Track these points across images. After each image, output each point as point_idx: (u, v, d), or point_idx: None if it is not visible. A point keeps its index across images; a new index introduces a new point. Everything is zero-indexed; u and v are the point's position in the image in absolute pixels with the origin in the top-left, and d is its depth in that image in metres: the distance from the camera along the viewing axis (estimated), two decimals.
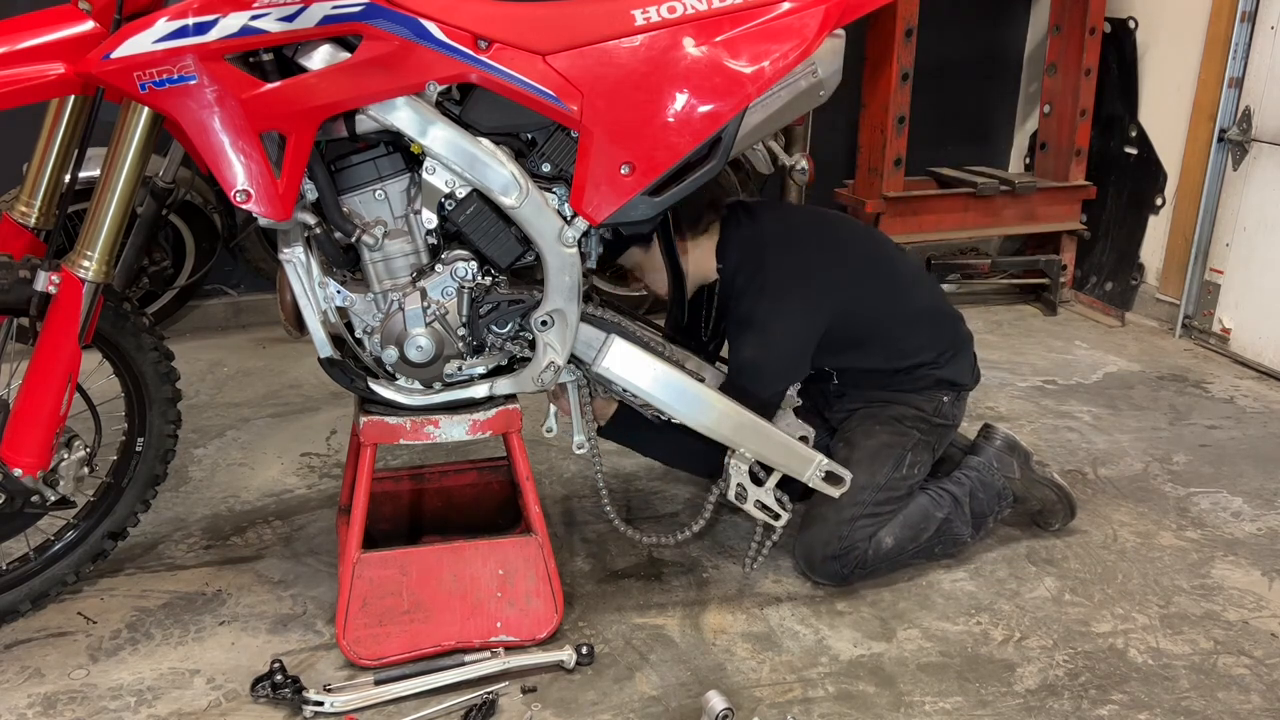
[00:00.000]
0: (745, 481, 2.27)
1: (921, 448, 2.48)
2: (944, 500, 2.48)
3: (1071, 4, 4.34)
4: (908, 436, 2.46)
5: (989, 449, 2.61)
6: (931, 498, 2.48)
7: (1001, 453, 2.60)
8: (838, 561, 2.37)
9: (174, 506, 2.74)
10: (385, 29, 1.82)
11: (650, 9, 1.96)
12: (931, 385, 2.49)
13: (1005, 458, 2.59)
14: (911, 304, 2.49)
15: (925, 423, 2.48)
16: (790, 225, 2.44)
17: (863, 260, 2.45)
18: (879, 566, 2.41)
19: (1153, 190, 4.31)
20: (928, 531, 2.44)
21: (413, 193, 2.03)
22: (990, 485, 2.54)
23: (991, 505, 2.54)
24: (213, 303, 4.15)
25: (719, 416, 2.22)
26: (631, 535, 2.35)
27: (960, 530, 2.49)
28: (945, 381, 2.50)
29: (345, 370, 2.10)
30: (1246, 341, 3.91)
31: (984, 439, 2.65)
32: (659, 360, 2.18)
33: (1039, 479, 2.61)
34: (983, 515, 2.53)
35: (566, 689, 2.07)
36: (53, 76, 1.87)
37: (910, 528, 2.42)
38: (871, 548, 2.38)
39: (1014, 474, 2.58)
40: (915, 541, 2.43)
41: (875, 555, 2.38)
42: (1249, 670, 2.18)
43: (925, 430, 2.48)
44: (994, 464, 2.57)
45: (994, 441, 2.62)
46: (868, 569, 2.40)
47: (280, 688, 1.99)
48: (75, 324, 2.00)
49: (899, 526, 2.41)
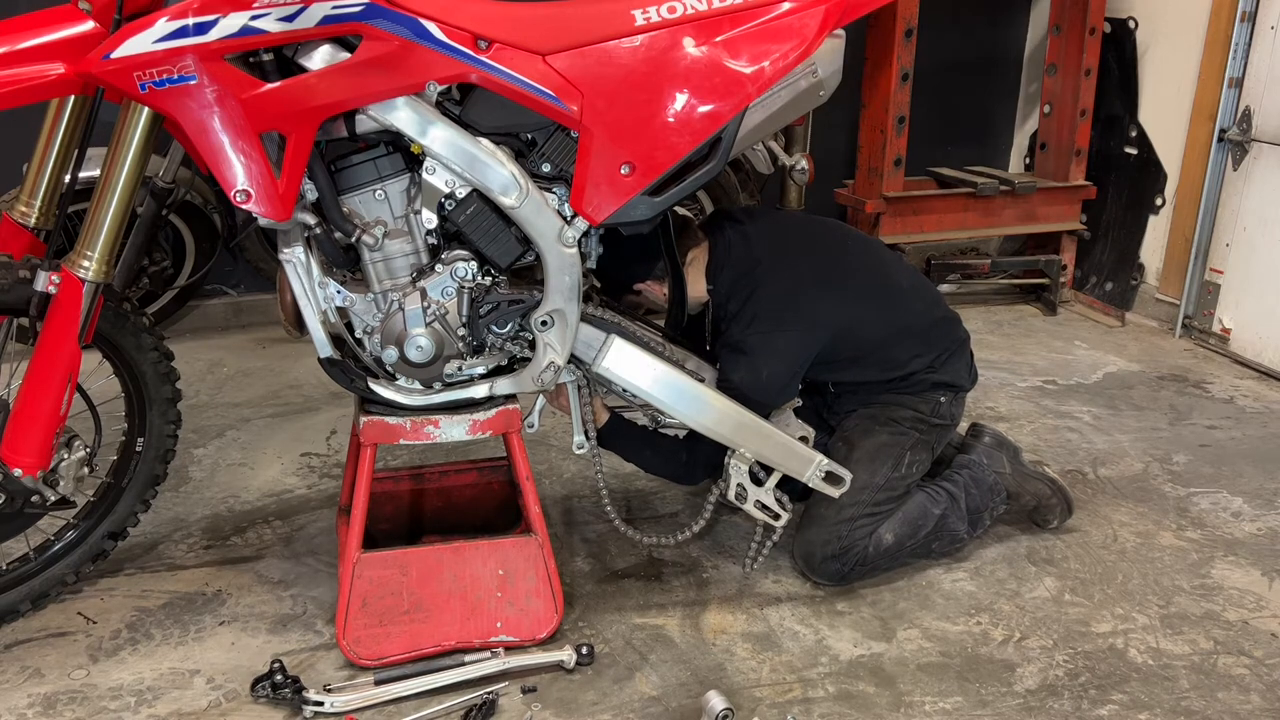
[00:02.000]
0: (745, 481, 2.27)
1: (920, 447, 2.48)
2: (940, 497, 2.49)
3: (1071, 4, 4.34)
4: (906, 436, 2.47)
5: (978, 446, 2.63)
6: (928, 495, 2.49)
7: (990, 449, 2.62)
8: (837, 561, 2.37)
9: (174, 506, 2.74)
10: (385, 29, 1.82)
11: (650, 9, 1.96)
12: (928, 389, 2.49)
13: (994, 453, 2.61)
14: (908, 314, 2.48)
15: (923, 423, 2.49)
16: (783, 243, 2.42)
17: (859, 277, 2.45)
18: (878, 564, 2.42)
19: (1153, 190, 4.31)
20: (925, 528, 2.45)
21: (413, 193, 2.03)
22: (982, 481, 2.55)
23: (986, 501, 2.55)
24: (213, 303, 4.15)
25: (719, 416, 2.22)
26: (632, 535, 2.35)
27: (957, 527, 2.50)
28: (942, 384, 2.51)
29: (345, 370, 2.10)
30: (1246, 341, 3.91)
31: (972, 437, 2.67)
32: (659, 360, 2.18)
33: (1030, 473, 2.63)
34: (978, 511, 2.54)
35: (566, 689, 2.07)
36: (53, 76, 1.87)
37: (909, 524, 2.44)
38: (871, 545, 2.39)
39: (1004, 469, 2.60)
40: (914, 538, 2.44)
41: (875, 552, 2.39)
42: (1249, 670, 2.18)
43: (924, 430, 2.49)
44: (984, 460, 2.59)
45: (982, 439, 2.65)
46: (867, 566, 2.41)
47: (280, 688, 1.99)
48: (75, 324, 2.00)
49: (898, 523, 2.42)
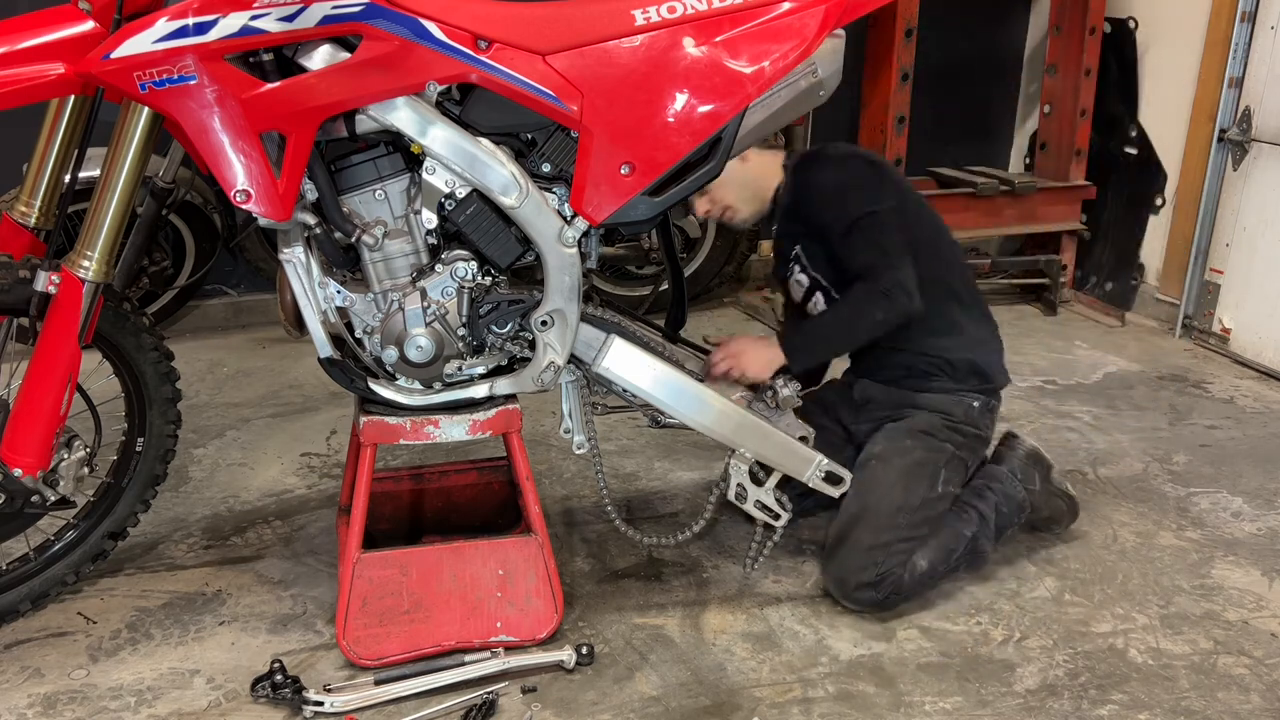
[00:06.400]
0: (745, 481, 2.27)
1: (955, 464, 2.40)
2: (971, 517, 2.41)
3: (1071, 4, 4.34)
4: (941, 452, 2.38)
5: (1012, 458, 2.54)
6: (958, 515, 2.41)
7: (1025, 464, 2.53)
8: (873, 589, 2.27)
9: (174, 506, 2.74)
10: (385, 29, 1.82)
11: (650, 9, 1.96)
12: (964, 378, 2.40)
13: (1028, 470, 2.52)
14: (961, 271, 2.45)
15: (957, 433, 2.40)
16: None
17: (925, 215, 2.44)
18: (914, 591, 2.33)
19: (1153, 190, 4.31)
20: (957, 551, 2.37)
21: (413, 193, 2.03)
22: (1012, 498, 2.47)
23: (1012, 517, 2.48)
24: (213, 303, 4.15)
25: (718, 416, 2.21)
26: (632, 535, 2.34)
27: (985, 547, 2.42)
28: (973, 369, 2.41)
29: (345, 370, 2.10)
30: (1246, 341, 3.91)
31: (1007, 448, 2.57)
32: (659, 360, 2.18)
33: (1055, 491, 2.56)
34: (1004, 528, 2.46)
35: (566, 689, 2.07)
36: (53, 76, 1.87)
37: (942, 549, 2.35)
38: (907, 572, 2.29)
39: (1034, 485, 2.52)
40: (946, 563, 2.36)
41: (911, 580, 2.30)
42: (1249, 670, 2.18)
43: (959, 444, 2.40)
44: (1016, 475, 2.50)
45: (1017, 452, 2.55)
46: (903, 594, 2.30)
47: (280, 688, 1.99)
48: (75, 324, 2.00)
49: (932, 550, 2.34)
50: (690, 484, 2.90)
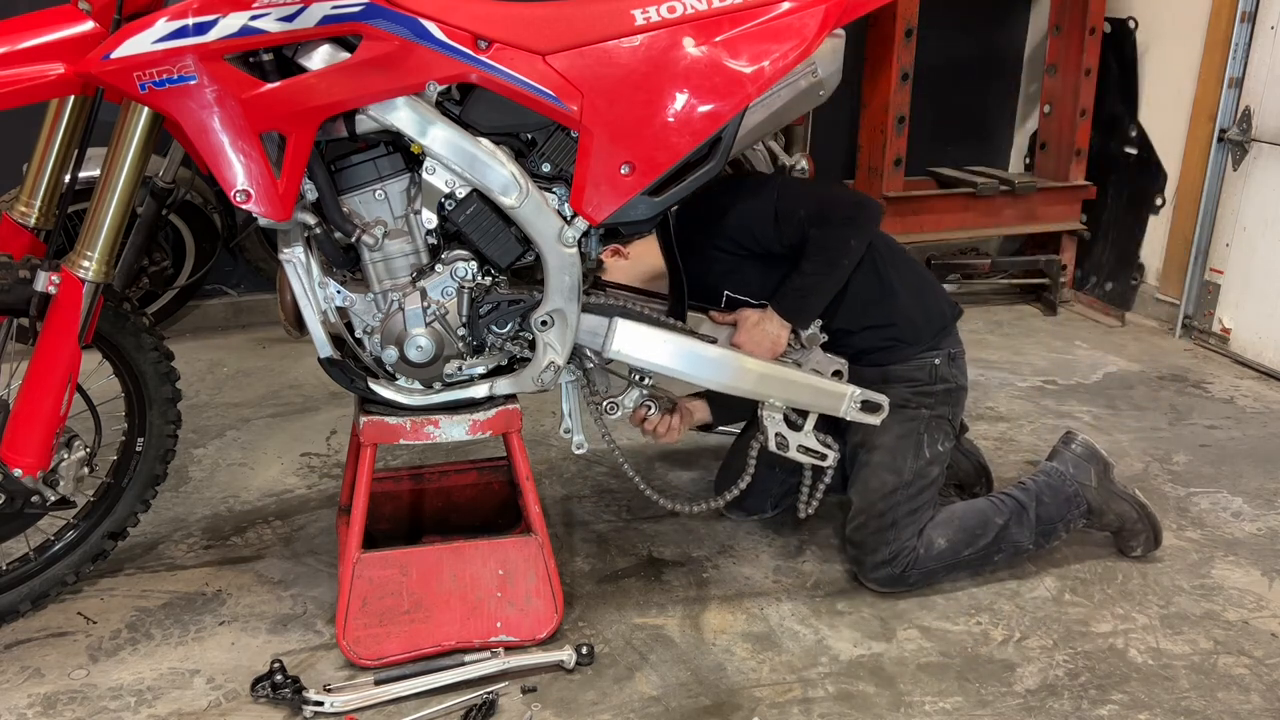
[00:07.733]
0: (783, 429, 2.26)
1: (936, 424, 2.40)
2: (1005, 506, 2.41)
3: (1071, 4, 4.34)
4: (917, 419, 2.39)
5: (1065, 453, 2.54)
6: (992, 503, 2.42)
7: (1079, 459, 2.52)
8: (889, 566, 2.33)
9: (174, 506, 2.74)
10: (385, 29, 1.82)
11: (650, 9, 1.96)
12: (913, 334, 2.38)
13: (1082, 464, 2.51)
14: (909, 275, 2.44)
15: (927, 395, 2.40)
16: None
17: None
18: (933, 567, 2.35)
19: (1153, 190, 4.31)
20: (985, 538, 2.37)
21: (413, 193, 2.03)
22: (1059, 490, 2.46)
23: (1060, 512, 2.45)
24: (213, 303, 4.15)
25: (739, 372, 2.19)
26: (661, 502, 2.32)
27: (1020, 538, 2.40)
28: (924, 319, 2.39)
29: (345, 370, 2.10)
30: (1246, 341, 3.91)
31: (1062, 444, 2.58)
32: (668, 331, 2.16)
33: (1117, 492, 2.52)
34: (1051, 522, 2.43)
35: (566, 689, 2.07)
36: (53, 76, 1.87)
37: (966, 531, 2.36)
38: (922, 546, 2.33)
39: (1089, 481, 2.49)
40: (971, 546, 2.36)
41: (927, 555, 2.34)
42: (1249, 670, 2.18)
43: (932, 404, 2.40)
44: (1069, 469, 2.50)
45: (1071, 446, 2.55)
46: (922, 570, 2.34)
47: (280, 688, 1.99)
48: (75, 324, 2.00)
49: (953, 529, 2.35)
50: (690, 483, 2.90)
